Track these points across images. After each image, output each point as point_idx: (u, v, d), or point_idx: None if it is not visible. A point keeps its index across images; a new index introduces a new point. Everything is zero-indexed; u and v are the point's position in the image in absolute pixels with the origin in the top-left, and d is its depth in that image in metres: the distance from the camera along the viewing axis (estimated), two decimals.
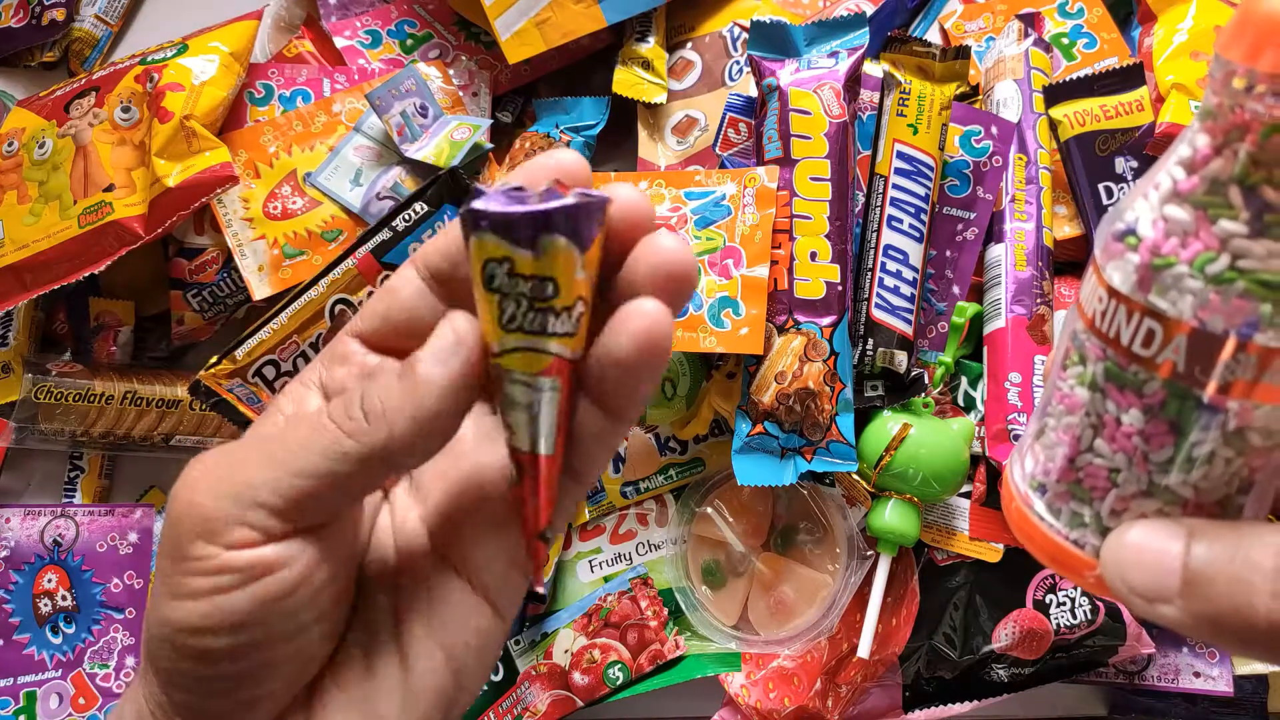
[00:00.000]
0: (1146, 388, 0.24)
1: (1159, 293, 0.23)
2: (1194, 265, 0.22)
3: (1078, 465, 0.26)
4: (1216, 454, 0.24)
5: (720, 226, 0.54)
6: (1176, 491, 0.24)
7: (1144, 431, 0.24)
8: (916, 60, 0.58)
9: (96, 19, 0.73)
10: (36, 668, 0.60)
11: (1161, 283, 0.23)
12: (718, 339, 0.52)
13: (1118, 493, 0.25)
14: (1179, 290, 0.23)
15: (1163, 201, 0.23)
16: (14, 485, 0.66)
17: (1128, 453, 0.25)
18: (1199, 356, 0.23)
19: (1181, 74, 0.57)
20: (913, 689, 0.57)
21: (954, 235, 0.58)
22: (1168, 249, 0.23)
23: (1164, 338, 0.23)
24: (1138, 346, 0.24)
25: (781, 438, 0.52)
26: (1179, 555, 0.23)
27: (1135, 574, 0.24)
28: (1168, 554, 0.23)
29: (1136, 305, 0.23)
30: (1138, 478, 0.25)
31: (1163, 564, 0.23)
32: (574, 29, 0.61)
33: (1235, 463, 0.24)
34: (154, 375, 0.63)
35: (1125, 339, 0.24)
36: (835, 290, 0.52)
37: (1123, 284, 0.24)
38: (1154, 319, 0.23)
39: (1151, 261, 0.23)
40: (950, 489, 0.53)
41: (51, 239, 0.59)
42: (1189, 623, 0.23)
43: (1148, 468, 0.25)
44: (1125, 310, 0.24)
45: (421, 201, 0.60)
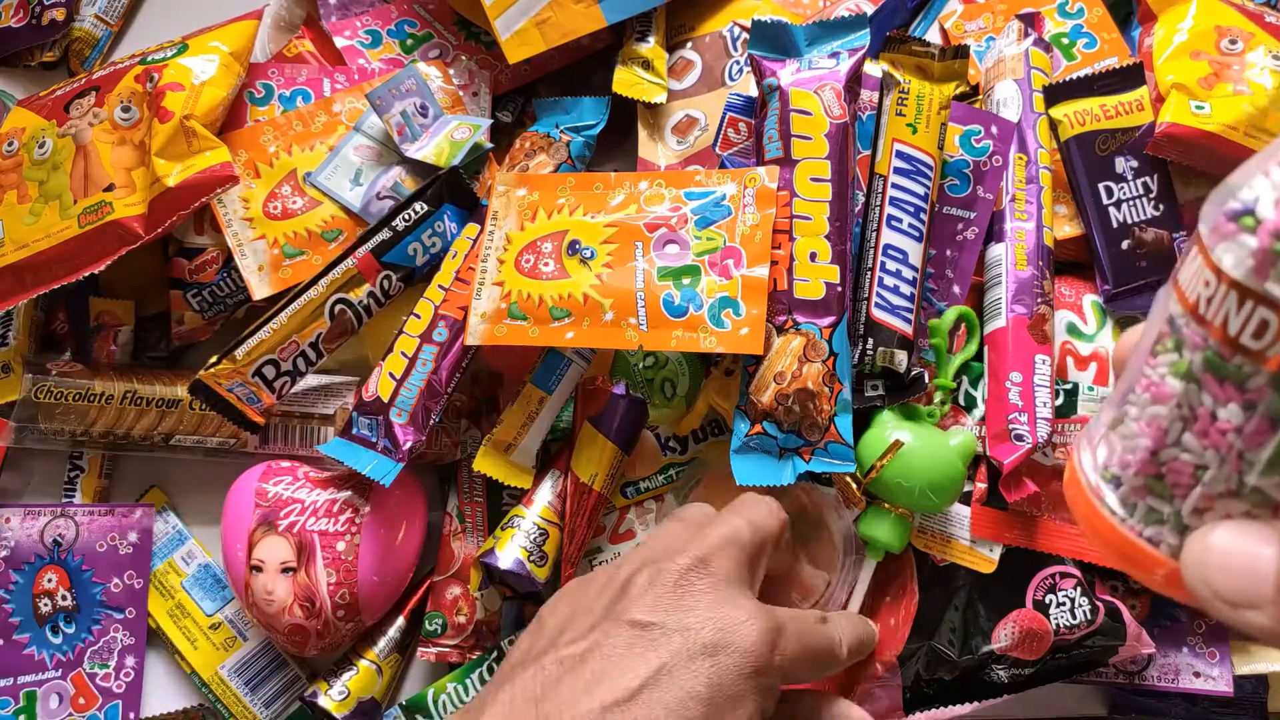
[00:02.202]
0: (1251, 382, 0.22)
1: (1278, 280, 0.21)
2: None
3: (1161, 459, 0.25)
4: None
5: (720, 226, 0.54)
6: (1268, 494, 0.23)
7: (1241, 428, 0.23)
8: (915, 60, 0.58)
9: (96, 19, 0.73)
10: (36, 668, 0.60)
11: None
12: (718, 339, 0.52)
13: (1203, 490, 0.24)
14: None
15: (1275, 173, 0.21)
16: (14, 485, 0.66)
17: (1220, 449, 0.23)
18: None
19: (1181, 74, 0.57)
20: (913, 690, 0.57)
21: (954, 235, 0.58)
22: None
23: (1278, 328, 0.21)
24: (1247, 337, 0.22)
25: (780, 438, 0.52)
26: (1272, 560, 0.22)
27: (1221, 578, 0.23)
28: (1259, 558, 0.22)
29: (1250, 292, 0.22)
30: (1228, 476, 0.23)
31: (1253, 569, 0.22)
32: (574, 29, 0.61)
33: None
34: (154, 375, 0.63)
35: (1233, 328, 0.22)
36: (835, 291, 0.52)
37: (1235, 268, 0.22)
38: (1270, 309, 0.21)
39: (1272, 246, 0.21)
40: (942, 503, 0.53)
41: (51, 239, 0.59)
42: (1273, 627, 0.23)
43: (1240, 466, 0.23)
44: (1236, 297, 0.22)
45: (421, 201, 0.60)
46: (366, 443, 0.57)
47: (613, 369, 0.61)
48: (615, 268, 0.54)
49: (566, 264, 0.55)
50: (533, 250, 0.56)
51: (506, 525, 0.56)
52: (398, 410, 0.57)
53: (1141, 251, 0.57)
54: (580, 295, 0.54)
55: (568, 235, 0.56)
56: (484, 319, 0.56)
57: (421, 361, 0.57)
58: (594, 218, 0.56)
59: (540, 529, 0.56)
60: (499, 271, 0.57)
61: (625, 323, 0.53)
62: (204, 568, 0.64)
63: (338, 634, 0.58)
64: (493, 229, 0.58)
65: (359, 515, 0.58)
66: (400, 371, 0.57)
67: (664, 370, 0.61)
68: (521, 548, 0.55)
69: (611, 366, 0.61)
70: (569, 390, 0.58)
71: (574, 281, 0.54)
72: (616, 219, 0.56)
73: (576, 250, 0.55)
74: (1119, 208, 0.58)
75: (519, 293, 0.55)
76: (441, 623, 0.59)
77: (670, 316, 0.53)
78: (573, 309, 0.54)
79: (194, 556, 0.65)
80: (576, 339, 0.54)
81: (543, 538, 0.56)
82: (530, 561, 0.55)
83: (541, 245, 0.56)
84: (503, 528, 0.56)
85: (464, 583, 0.60)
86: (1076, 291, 0.59)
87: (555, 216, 0.57)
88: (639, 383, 0.60)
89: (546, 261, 0.56)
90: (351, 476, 0.59)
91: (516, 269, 0.56)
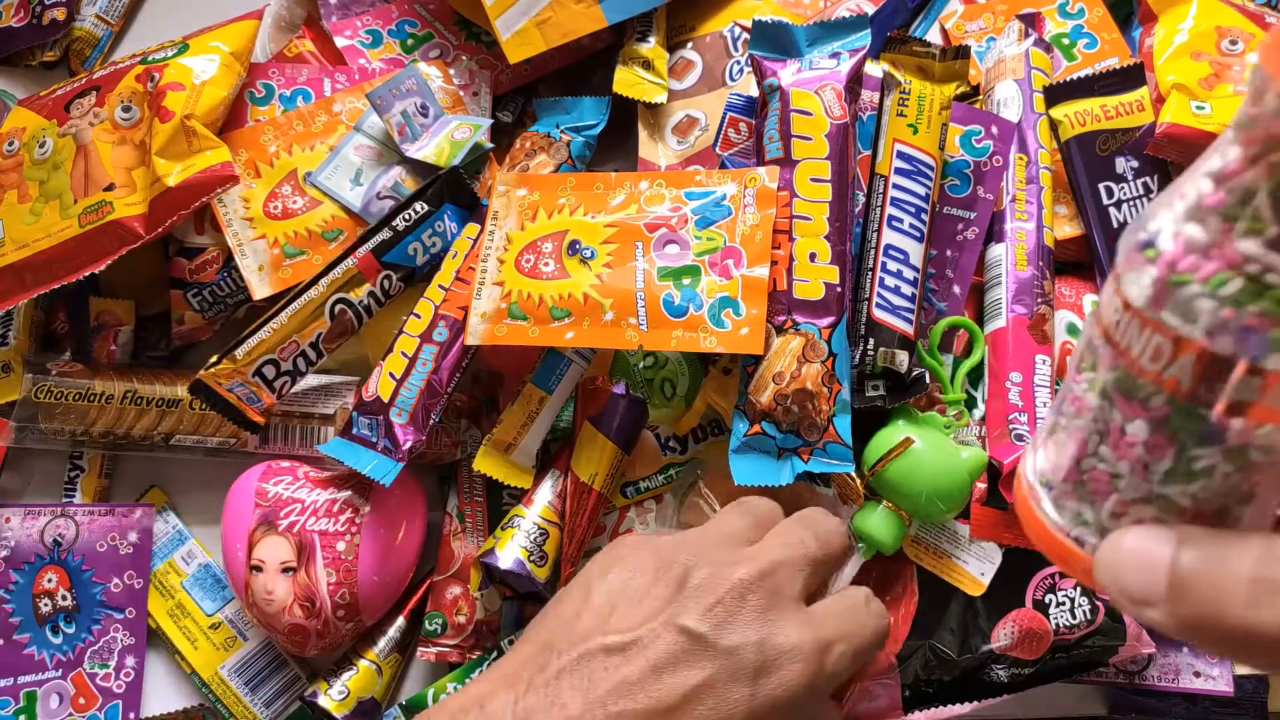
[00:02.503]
0: (1152, 401, 0.24)
1: (1172, 310, 0.23)
2: (1209, 284, 0.22)
3: (1083, 468, 0.27)
4: (1216, 468, 0.24)
5: (721, 226, 0.54)
6: (1175, 500, 0.25)
7: (1147, 443, 0.25)
8: (916, 60, 0.58)
9: (97, 18, 0.73)
10: (36, 668, 0.60)
11: (1175, 300, 0.23)
12: (718, 339, 0.52)
13: (1118, 497, 0.26)
14: (1192, 309, 0.23)
15: (1186, 214, 0.23)
16: (14, 485, 0.66)
17: (1130, 461, 0.25)
18: (1206, 377, 0.23)
19: (1182, 74, 0.57)
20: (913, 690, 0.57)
21: (954, 235, 0.58)
22: (1184, 265, 0.23)
23: (1172, 355, 0.23)
24: (1146, 360, 0.24)
25: (779, 438, 0.52)
26: (1167, 560, 0.24)
27: (1126, 576, 0.25)
28: (1158, 559, 0.24)
29: (1149, 320, 0.24)
30: (1138, 485, 0.25)
31: (1152, 568, 0.24)
32: (574, 29, 0.61)
33: (1234, 477, 0.24)
34: (154, 375, 0.63)
35: (1135, 351, 0.24)
36: (834, 291, 0.52)
37: (1138, 297, 0.24)
38: (1164, 335, 0.23)
39: (1168, 277, 0.23)
40: (943, 512, 0.52)
41: (52, 238, 0.59)
42: (1171, 625, 0.24)
43: (1148, 476, 0.25)
44: (1138, 323, 0.24)
45: (422, 201, 0.60)
46: (366, 443, 0.57)
47: (613, 369, 0.61)
48: (615, 268, 0.54)
49: (567, 264, 0.55)
50: (533, 250, 0.56)
51: (506, 525, 0.56)
52: (398, 410, 0.57)
53: None
54: (580, 295, 0.54)
55: (568, 235, 0.56)
56: (484, 319, 0.56)
57: (421, 361, 0.57)
58: (594, 218, 0.56)
59: (540, 529, 0.56)
60: (499, 271, 0.57)
61: (625, 323, 0.53)
62: (204, 568, 0.64)
63: (338, 634, 0.58)
64: (493, 229, 0.58)
65: (359, 515, 0.58)
66: (400, 371, 0.57)
67: (664, 370, 0.61)
68: (521, 548, 0.55)
69: (611, 366, 0.61)
70: (569, 390, 0.58)
71: (574, 281, 0.54)
72: (617, 219, 0.56)
73: (577, 250, 0.55)
74: (1119, 208, 0.58)
75: (519, 292, 0.55)
76: (441, 622, 0.59)
77: (670, 316, 0.53)
78: (573, 309, 0.54)
79: (194, 556, 0.65)
80: (576, 339, 0.54)
81: (543, 538, 0.56)
82: (530, 561, 0.55)
83: (542, 245, 0.56)
84: (503, 528, 0.56)
85: (464, 583, 0.60)
86: (1076, 291, 0.59)
87: (555, 216, 0.57)
88: (639, 383, 0.60)
89: (547, 261, 0.56)
90: (351, 476, 0.59)
91: (517, 269, 0.56)
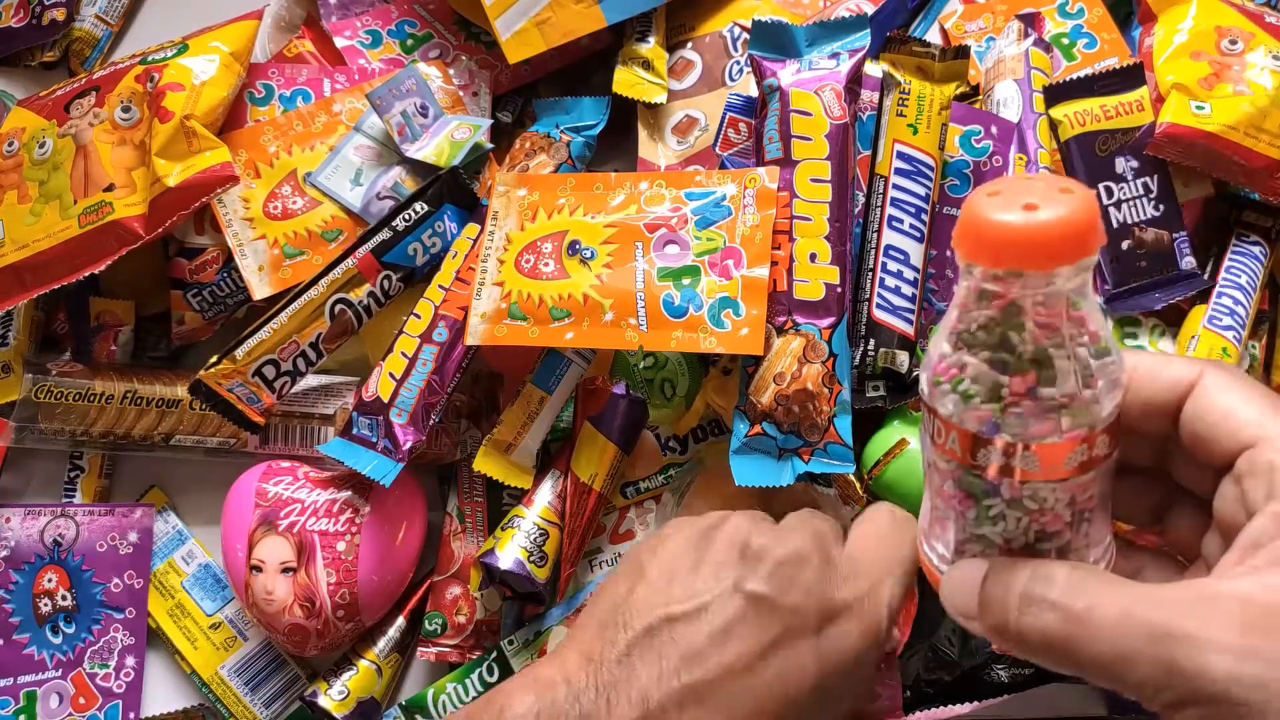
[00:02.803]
0: (949, 466, 0.33)
1: (938, 401, 0.32)
2: (952, 384, 0.31)
3: (934, 519, 0.35)
4: (1007, 514, 0.32)
5: (721, 227, 0.54)
6: (990, 539, 0.33)
7: (956, 496, 0.33)
8: (916, 60, 0.58)
9: (97, 19, 0.73)
10: (36, 668, 0.61)
11: (938, 394, 0.32)
12: (718, 339, 0.52)
13: (956, 538, 0.34)
14: (946, 400, 0.32)
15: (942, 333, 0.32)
16: (14, 485, 0.66)
17: (954, 510, 0.33)
18: (967, 448, 0.31)
19: (1182, 74, 0.57)
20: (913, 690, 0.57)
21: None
22: (938, 371, 0.32)
23: (945, 433, 0.32)
24: (936, 438, 0.32)
25: (779, 439, 0.52)
26: (978, 584, 0.32)
27: (955, 597, 0.33)
28: (972, 583, 0.32)
29: (930, 409, 0.32)
30: (964, 528, 0.33)
31: (969, 590, 0.33)
32: (574, 29, 0.61)
33: (1024, 520, 0.32)
34: (154, 375, 0.63)
35: (930, 432, 0.33)
36: (835, 292, 0.52)
37: (925, 395, 0.33)
38: (939, 419, 0.32)
39: (932, 378, 0.32)
40: None
41: (52, 239, 0.59)
42: (983, 632, 0.32)
43: (967, 522, 0.33)
44: (927, 412, 0.33)
45: (421, 201, 0.60)
46: (366, 443, 0.57)
47: (613, 369, 0.61)
48: (615, 268, 0.54)
49: (566, 264, 0.55)
50: (533, 250, 0.56)
51: (506, 525, 0.56)
52: (398, 410, 0.57)
53: (1141, 252, 0.57)
54: (580, 295, 0.54)
55: (568, 235, 0.56)
56: (484, 319, 0.56)
57: (421, 361, 0.57)
58: (594, 218, 0.56)
59: (540, 529, 0.56)
60: (499, 271, 0.57)
61: (625, 323, 0.53)
62: (204, 568, 0.64)
63: (338, 634, 0.58)
64: (493, 229, 0.58)
65: (359, 515, 0.58)
66: (400, 371, 0.57)
67: (663, 371, 0.61)
68: (521, 548, 0.55)
69: (611, 366, 0.61)
70: (569, 390, 0.58)
71: (574, 282, 0.54)
72: (616, 219, 0.56)
73: (576, 250, 0.55)
74: (1119, 208, 0.58)
75: (519, 293, 0.55)
76: (441, 623, 0.59)
77: (670, 317, 0.53)
78: (573, 309, 0.54)
79: (194, 556, 0.65)
80: (576, 339, 0.54)
81: (543, 538, 0.56)
82: (530, 562, 0.55)
83: (541, 245, 0.56)
84: (503, 528, 0.56)
85: (464, 583, 0.60)
86: None
87: (555, 217, 0.57)
88: (638, 383, 0.60)
89: (546, 262, 0.56)
90: (351, 476, 0.59)
91: (516, 269, 0.56)
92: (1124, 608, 0.29)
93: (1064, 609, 0.30)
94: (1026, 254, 0.28)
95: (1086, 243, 0.28)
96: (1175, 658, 0.28)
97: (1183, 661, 0.28)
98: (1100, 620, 0.29)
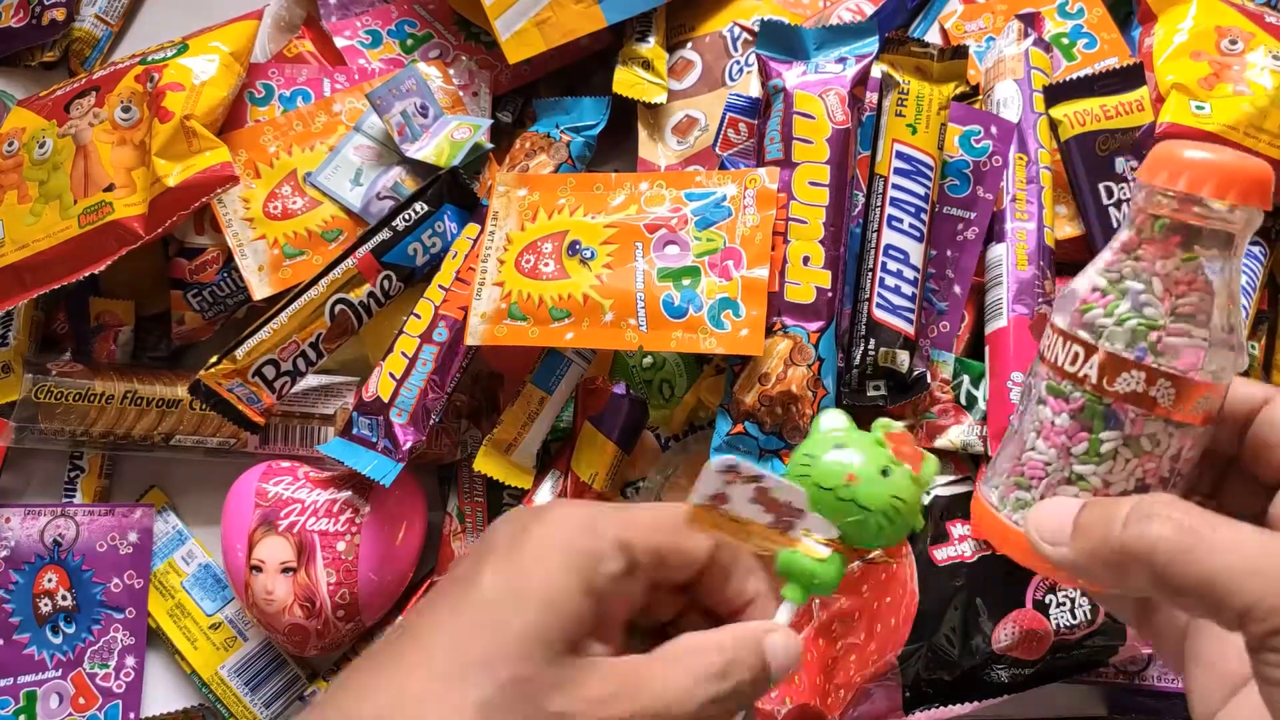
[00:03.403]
0: (1072, 396, 0.33)
1: (1084, 327, 0.33)
2: (1106, 310, 0.33)
3: (1023, 461, 0.35)
4: (1119, 452, 0.33)
5: (721, 227, 0.54)
6: (1090, 480, 0.33)
7: (1068, 429, 0.33)
8: (914, 60, 0.58)
9: (96, 19, 0.72)
10: (36, 668, 0.60)
11: (1086, 320, 0.33)
12: (717, 340, 0.52)
13: (1048, 480, 0.34)
14: (1095, 326, 0.33)
15: (1095, 269, 0.34)
16: (14, 485, 0.66)
17: (1057, 448, 0.34)
18: (1106, 372, 0.32)
19: (1181, 74, 0.57)
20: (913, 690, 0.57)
21: (954, 235, 0.58)
22: (1091, 299, 0.33)
23: (1084, 358, 0.33)
24: (1067, 364, 0.33)
25: (761, 439, 0.52)
26: (1073, 513, 0.32)
27: (1044, 523, 0.33)
28: (1067, 512, 0.32)
29: (1070, 336, 0.33)
30: (1061, 468, 0.34)
31: (1062, 517, 0.32)
32: (574, 29, 0.61)
33: (1132, 463, 0.33)
34: (154, 375, 0.63)
35: (1061, 360, 0.33)
36: (825, 296, 0.52)
37: (1062, 322, 0.34)
38: (1079, 345, 0.33)
39: (1080, 306, 0.33)
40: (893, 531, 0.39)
41: (51, 239, 0.59)
42: (1072, 556, 0.32)
43: (1069, 459, 0.33)
44: (1063, 340, 0.33)
45: (421, 201, 0.60)
46: (366, 443, 0.57)
47: (612, 369, 0.61)
48: (615, 268, 0.54)
49: (566, 264, 0.55)
50: (533, 251, 0.56)
51: None
52: (398, 410, 0.57)
53: None
54: (580, 296, 0.54)
55: (568, 236, 0.56)
56: (484, 319, 0.56)
57: (421, 361, 0.57)
58: (594, 218, 0.56)
59: None
60: (499, 272, 0.57)
61: (625, 323, 0.53)
62: (204, 568, 0.64)
63: (338, 634, 0.58)
64: (493, 229, 0.58)
65: (359, 515, 0.58)
66: (400, 371, 0.57)
67: (662, 371, 0.61)
68: None
69: (611, 367, 0.61)
70: (569, 390, 0.58)
71: (574, 282, 0.54)
72: (616, 220, 0.56)
73: (577, 251, 0.55)
74: (1119, 208, 0.58)
75: (519, 293, 0.55)
76: None
77: (670, 317, 0.53)
78: (573, 309, 0.54)
79: (194, 556, 0.65)
80: (576, 340, 0.54)
81: None
82: None
83: (542, 245, 0.56)
84: None
85: None
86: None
87: (555, 217, 0.57)
88: (637, 384, 0.60)
89: (547, 262, 0.56)
90: (351, 476, 0.59)
91: (517, 269, 0.56)
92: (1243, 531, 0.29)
93: (1179, 521, 0.29)
94: (1222, 182, 0.30)
95: (1267, 193, 0.31)
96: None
97: None
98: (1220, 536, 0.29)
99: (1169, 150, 0.32)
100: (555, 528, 0.32)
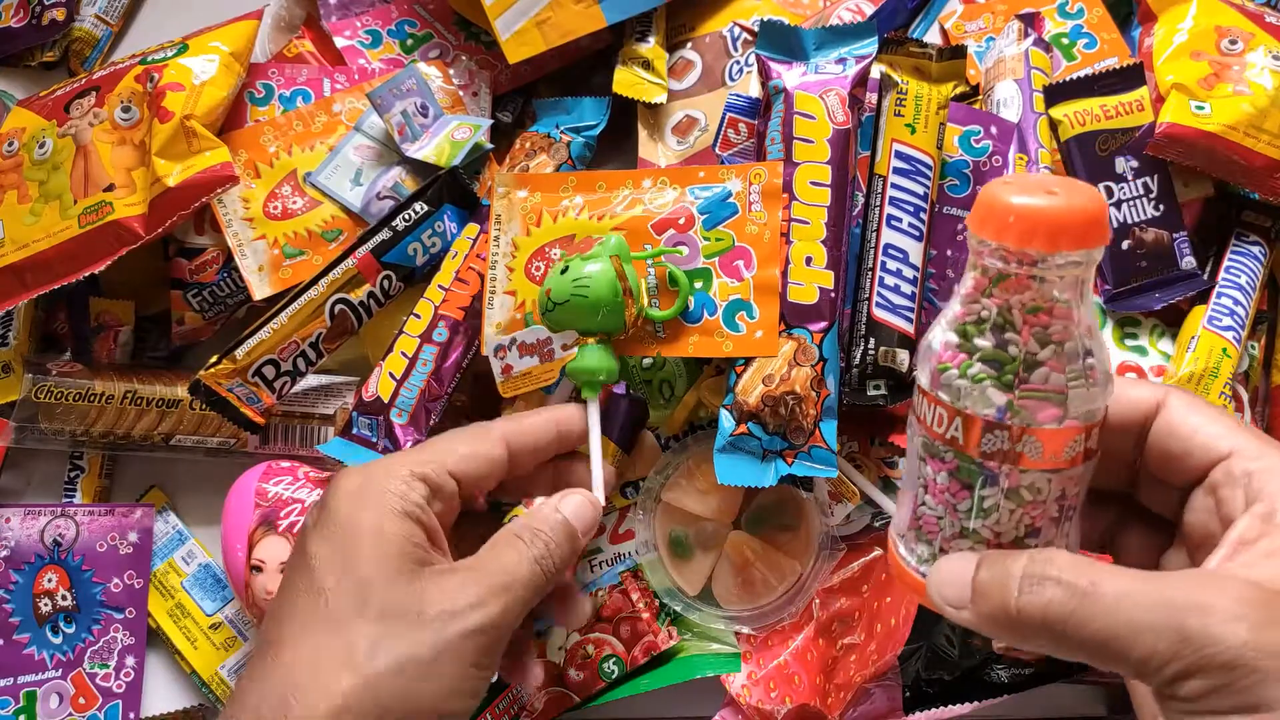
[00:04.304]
0: (946, 457, 0.33)
1: (942, 389, 0.33)
2: (960, 369, 0.32)
3: (918, 515, 0.35)
4: (1001, 505, 0.33)
5: (729, 226, 0.54)
6: (980, 533, 0.33)
7: (949, 488, 0.33)
8: (913, 61, 0.58)
9: (96, 19, 0.73)
10: (36, 667, 0.60)
11: (943, 382, 0.33)
12: (733, 343, 0.52)
13: (943, 535, 0.34)
14: (952, 387, 0.32)
15: (946, 322, 0.33)
16: (14, 485, 0.66)
17: (944, 505, 0.34)
18: (969, 434, 0.32)
19: (1181, 74, 0.57)
20: (913, 690, 0.57)
21: (954, 235, 0.58)
22: (945, 357, 0.33)
23: (948, 420, 0.32)
24: (936, 426, 0.33)
25: (764, 439, 0.52)
26: (970, 574, 0.32)
27: (945, 588, 0.33)
28: (966, 573, 0.32)
29: (931, 398, 0.33)
30: (953, 523, 0.34)
31: (961, 580, 0.32)
32: (574, 29, 0.61)
33: (1017, 512, 0.33)
34: (154, 375, 0.63)
35: (929, 420, 0.33)
36: (828, 296, 0.52)
37: (925, 383, 0.34)
38: (941, 407, 0.33)
39: (937, 366, 0.33)
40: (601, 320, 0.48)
41: (51, 239, 0.59)
42: (975, 621, 0.32)
43: (957, 516, 0.34)
44: (928, 401, 0.33)
45: (421, 201, 0.60)
46: (367, 443, 0.57)
47: None
48: None
49: None
50: (542, 257, 0.56)
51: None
52: (398, 410, 0.57)
53: (1141, 252, 0.57)
54: None
55: (575, 239, 0.56)
56: (499, 329, 0.56)
57: (421, 361, 0.57)
58: (600, 220, 0.56)
59: None
60: (509, 280, 0.56)
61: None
62: (204, 568, 0.64)
63: None
64: (497, 233, 0.58)
65: None
66: (400, 371, 0.57)
67: (662, 371, 0.61)
68: None
69: None
70: (570, 390, 0.58)
71: None
72: (623, 221, 0.56)
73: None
74: (1119, 208, 0.58)
75: (533, 301, 0.55)
76: None
77: (685, 322, 0.53)
78: None
79: (194, 556, 0.65)
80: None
81: None
82: None
83: (551, 252, 0.56)
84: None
85: None
86: None
87: (560, 220, 0.57)
88: (637, 383, 0.60)
89: None
90: None
91: (528, 276, 0.56)
92: (1129, 583, 0.29)
93: (1068, 584, 0.30)
94: (1051, 234, 0.29)
95: (1103, 231, 0.30)
96: (1186, 625, 0.28)
97: (1194, 629, 0.28)
98: (1107, 593, 0.29)
99: (994, 198, 0.30)
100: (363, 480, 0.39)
